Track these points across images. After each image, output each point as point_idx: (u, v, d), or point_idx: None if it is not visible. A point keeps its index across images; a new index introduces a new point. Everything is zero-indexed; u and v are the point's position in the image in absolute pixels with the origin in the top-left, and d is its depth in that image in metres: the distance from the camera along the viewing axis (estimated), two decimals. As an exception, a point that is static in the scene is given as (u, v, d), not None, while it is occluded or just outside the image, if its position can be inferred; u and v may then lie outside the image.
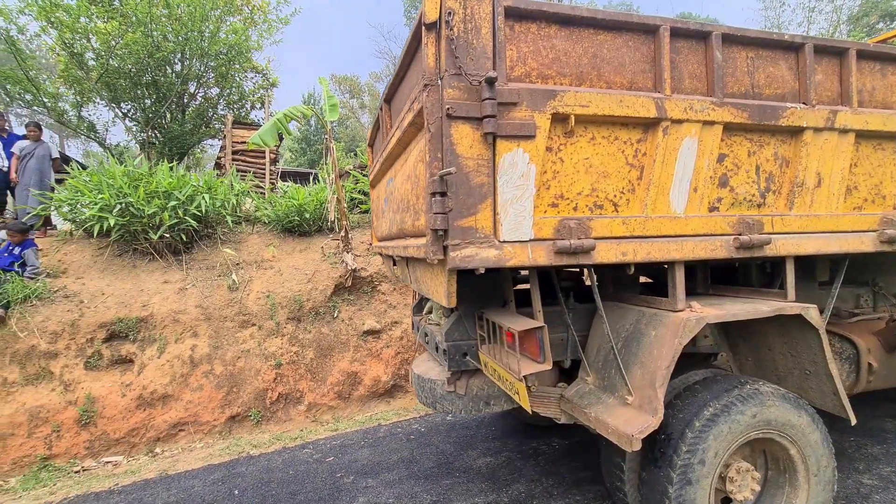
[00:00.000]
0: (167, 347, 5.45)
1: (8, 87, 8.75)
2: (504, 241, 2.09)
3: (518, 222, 2.10)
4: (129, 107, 10.19)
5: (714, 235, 2.42)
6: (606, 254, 2.22)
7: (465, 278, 2.28)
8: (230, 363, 5.54)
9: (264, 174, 10.41)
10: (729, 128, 2.43)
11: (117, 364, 5.33)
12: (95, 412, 4.95)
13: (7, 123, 7.02)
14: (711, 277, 3.30)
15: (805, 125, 2.55)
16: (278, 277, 6.32)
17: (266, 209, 7.37)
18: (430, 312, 3.64)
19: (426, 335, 3.37)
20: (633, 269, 2.39)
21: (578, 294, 3.21)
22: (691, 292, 3.10)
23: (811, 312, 2.50)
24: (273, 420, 5.52)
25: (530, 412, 2.60)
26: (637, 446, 2.12)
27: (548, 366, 2.31)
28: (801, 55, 2.58)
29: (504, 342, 2.44)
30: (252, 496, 3.69)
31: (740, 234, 2.45)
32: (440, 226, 2.02)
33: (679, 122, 2.31)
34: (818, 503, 2.52)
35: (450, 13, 1.99)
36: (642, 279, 3.86)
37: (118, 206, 5.86)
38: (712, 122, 2.37)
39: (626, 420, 2.24)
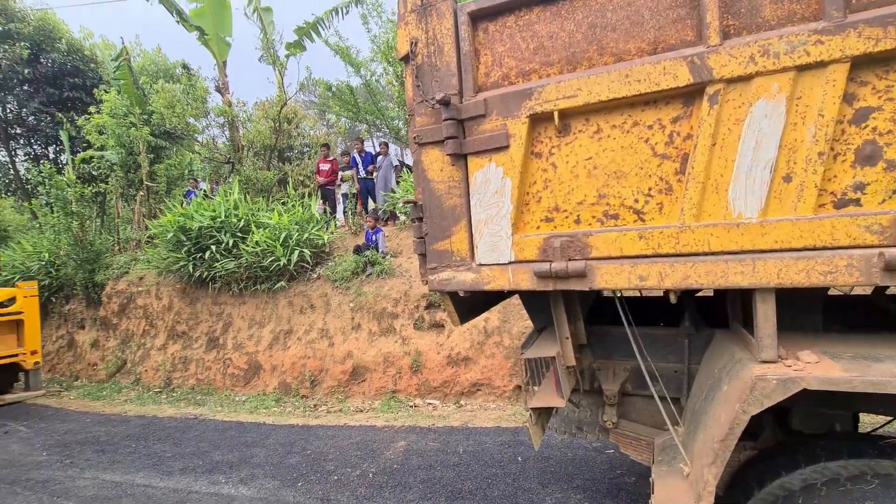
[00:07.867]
0: (467, 318, 6.41)
1: (368, 117, 12.08)
2: (481, 265, 1.98)
3: (494, 244, 1.95)
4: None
5: (828, 249, 1.55)
6: (614, 278, 1.80)
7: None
8: (516, 337, 6.04)
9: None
10: (872, 60, 1.48)
11: (433, 328, 6.63)
12: (421, 363, 6.32)
13: (362, 145, 9.82)
14: None
15: None
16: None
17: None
18: None
19: None
20: (674, 298, 1.85)
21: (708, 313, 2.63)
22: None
23: None
24: (554, 397, 5.73)
25: (536, 448, 2.45)
26: None
27: (559, 403, 2.12)
28: None
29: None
30: (533, 467, 3.91)
31: (893, 247, 1.51)
32: (417, 250, 2.10)
33: (742, 79, 1.60)
34: None
35: (414, 42, 1.97)
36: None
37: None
38: (822, 64, 1.51)
39: (667, 499, 1.82)
